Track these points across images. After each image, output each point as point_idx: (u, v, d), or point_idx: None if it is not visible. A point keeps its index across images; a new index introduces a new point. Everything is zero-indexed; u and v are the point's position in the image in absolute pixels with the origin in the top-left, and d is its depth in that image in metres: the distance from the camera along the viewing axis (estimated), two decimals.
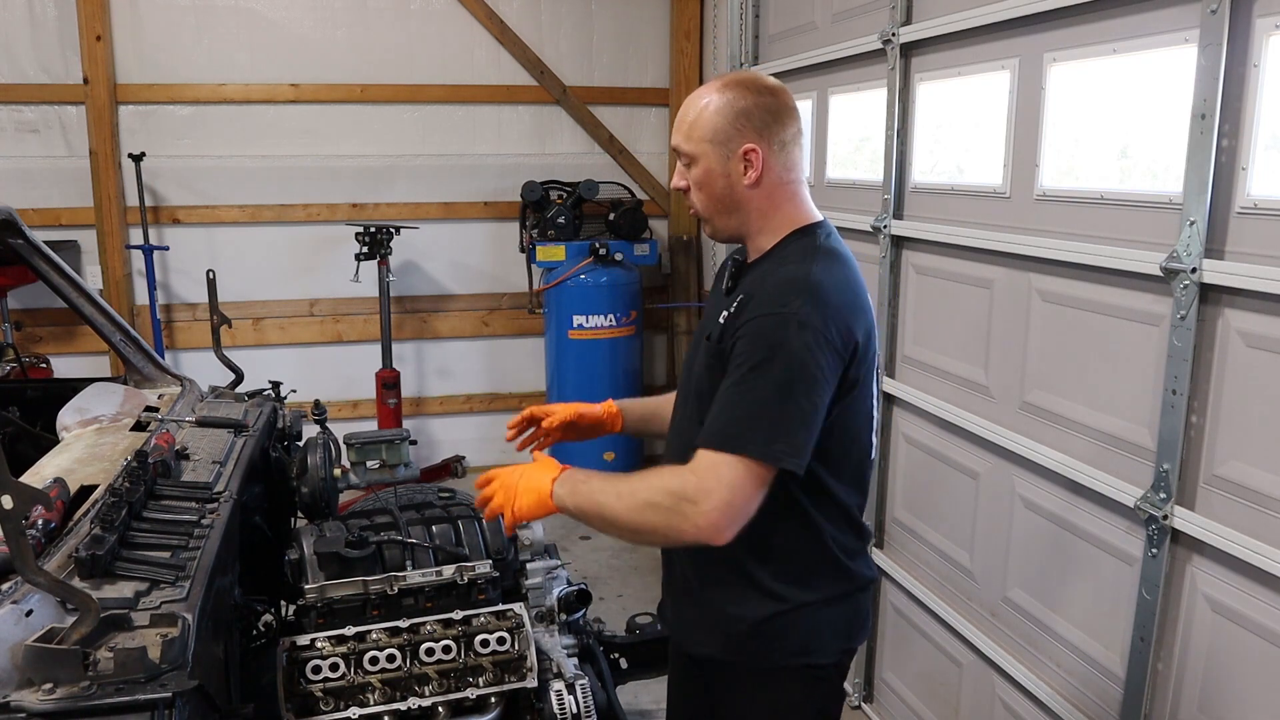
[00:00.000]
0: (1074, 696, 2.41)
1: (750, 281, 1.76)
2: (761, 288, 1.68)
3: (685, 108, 1.76)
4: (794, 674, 1.81)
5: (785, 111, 1.73)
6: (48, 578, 1.37)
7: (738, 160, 1.71)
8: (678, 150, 1.77)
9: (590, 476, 1.72)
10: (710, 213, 1.78)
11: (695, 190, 1.77)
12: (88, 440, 2.37)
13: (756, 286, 1.70)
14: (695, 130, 1.73)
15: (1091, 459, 2.29)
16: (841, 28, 3.45)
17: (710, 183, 1.74)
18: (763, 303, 1.65)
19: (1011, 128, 2.53)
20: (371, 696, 1.96)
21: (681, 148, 1.75)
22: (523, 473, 1.76)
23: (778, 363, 1.59)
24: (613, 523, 1.66)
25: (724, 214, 1.77)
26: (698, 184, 1.75)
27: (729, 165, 1.72)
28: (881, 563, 3.31)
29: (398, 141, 5.58)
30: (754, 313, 1.64)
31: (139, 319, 5.33)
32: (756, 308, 1.65)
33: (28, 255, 2.73)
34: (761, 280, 1.71)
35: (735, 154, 1.71)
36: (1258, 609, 1.89)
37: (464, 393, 5.95)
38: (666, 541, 1.76)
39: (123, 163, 5.21)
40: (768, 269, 1.75)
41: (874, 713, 3.46)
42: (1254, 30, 1.82)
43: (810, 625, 1.79)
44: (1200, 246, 1.92)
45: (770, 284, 1.68)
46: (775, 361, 1.59)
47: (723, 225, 1.79)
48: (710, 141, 1.71)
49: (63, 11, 5.02)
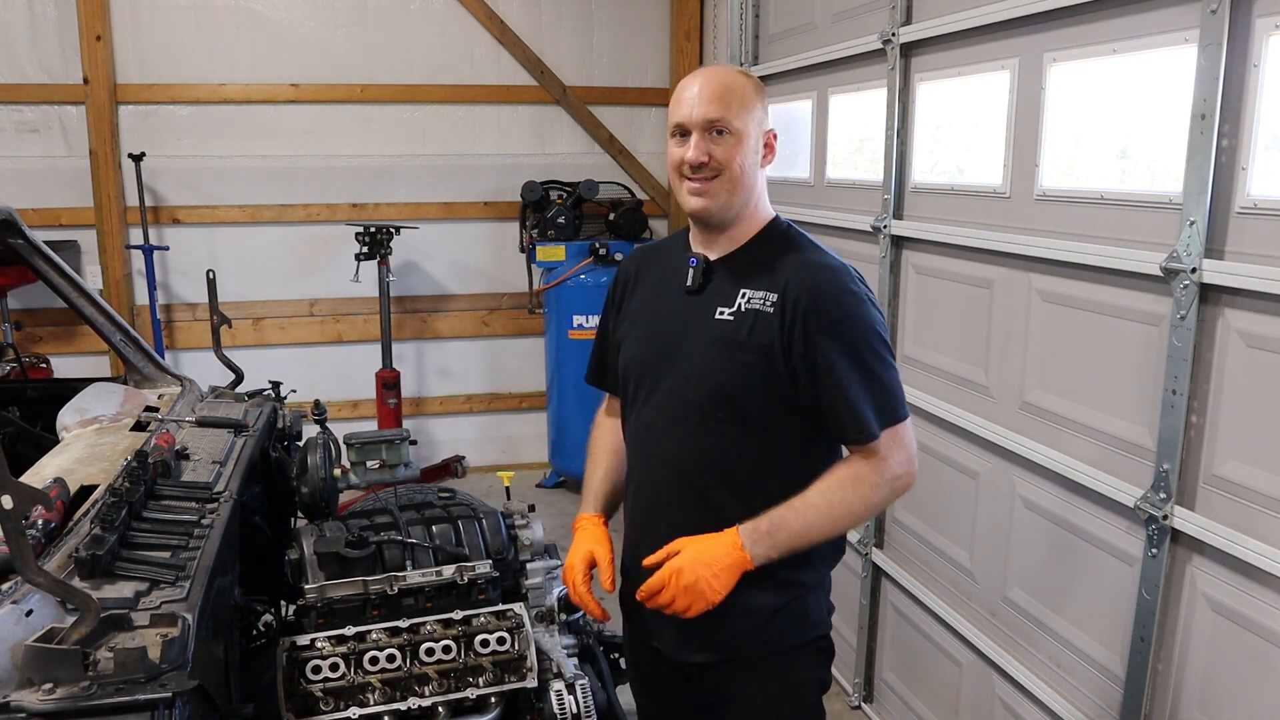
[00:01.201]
0: (1074, 696, 2.41)
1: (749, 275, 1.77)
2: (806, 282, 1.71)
3: (714, 82, 1.73)
4: (804, 650, 1.86)
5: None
6: (48, 578, 1.37)
7: (761, 141, 1.77)
8: (714, 121, 1.71)
9: (777, 523, 1.66)
10: (730, 188, 1.74)
11: (729, 160, 1.72)
12: (88, 440, 2.37)
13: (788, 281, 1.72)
14: (741, 104, 1.72)
15: (1091, 459, 2.29)
16: (841, 28, 3.44)
17: (743, 158, 1.74)
18: (833, 298, 1.70)
19: (1011, 128, 2.53)
20: (371, 696, 1.96)
21: (725, 118, 1.71)
22: (695, 559, 1.65)
23: (877, 341, 1.72)
24: (834, 537, 1.76)
25: (738, 192, 1.76)
26: (728, 157, 1.72)
27: (758, 144, 1.76)
28: (881, 563, 3.31)
29: (398, 141, 5.57)
30: (834, 309, 1.70)
31: (139, 319, 5.33)
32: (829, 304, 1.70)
33: (28, 255, 2.73)
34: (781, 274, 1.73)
35: (764, 134, 1.77)
36: (1258, 609, 1.89)
37: (464, 393, 5.95)
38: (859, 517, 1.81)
39: (123, 163, 5.21)
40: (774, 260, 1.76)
41: (874, 713, 3.46)
42: (1254, 30, 1.82)
43: (816, 601, 1.85)
44: (1200, 246, 1.92)
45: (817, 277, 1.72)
46: (876, 340, 1.72)
47: (729, 201, 1.76)
48: (753, 116, 1.74)
49: (63, 11, 5.02)
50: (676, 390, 1.79)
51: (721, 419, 1.74)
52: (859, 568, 3.44)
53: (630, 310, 1.94)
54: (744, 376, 1.72)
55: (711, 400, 1.74)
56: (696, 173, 1.73)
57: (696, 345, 1.77)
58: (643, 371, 1.86)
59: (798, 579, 1.80)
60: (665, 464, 1.82)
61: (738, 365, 1.73)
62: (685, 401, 1.78)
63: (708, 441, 1.76)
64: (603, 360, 2.03)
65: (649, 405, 1.84)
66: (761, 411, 1.73)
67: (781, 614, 1.80)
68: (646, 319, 1.89)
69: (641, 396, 1.86)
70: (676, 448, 1.80)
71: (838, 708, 3.54)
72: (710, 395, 1.75)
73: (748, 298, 1.74)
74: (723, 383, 1.74)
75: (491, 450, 5.95)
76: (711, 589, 1.64)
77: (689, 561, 1.65)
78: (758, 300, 1.73)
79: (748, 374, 1.72)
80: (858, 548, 3.41)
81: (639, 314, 1.91)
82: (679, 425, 1.79)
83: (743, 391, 1.72)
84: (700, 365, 1.76)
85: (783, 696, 1.85)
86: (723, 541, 1.66)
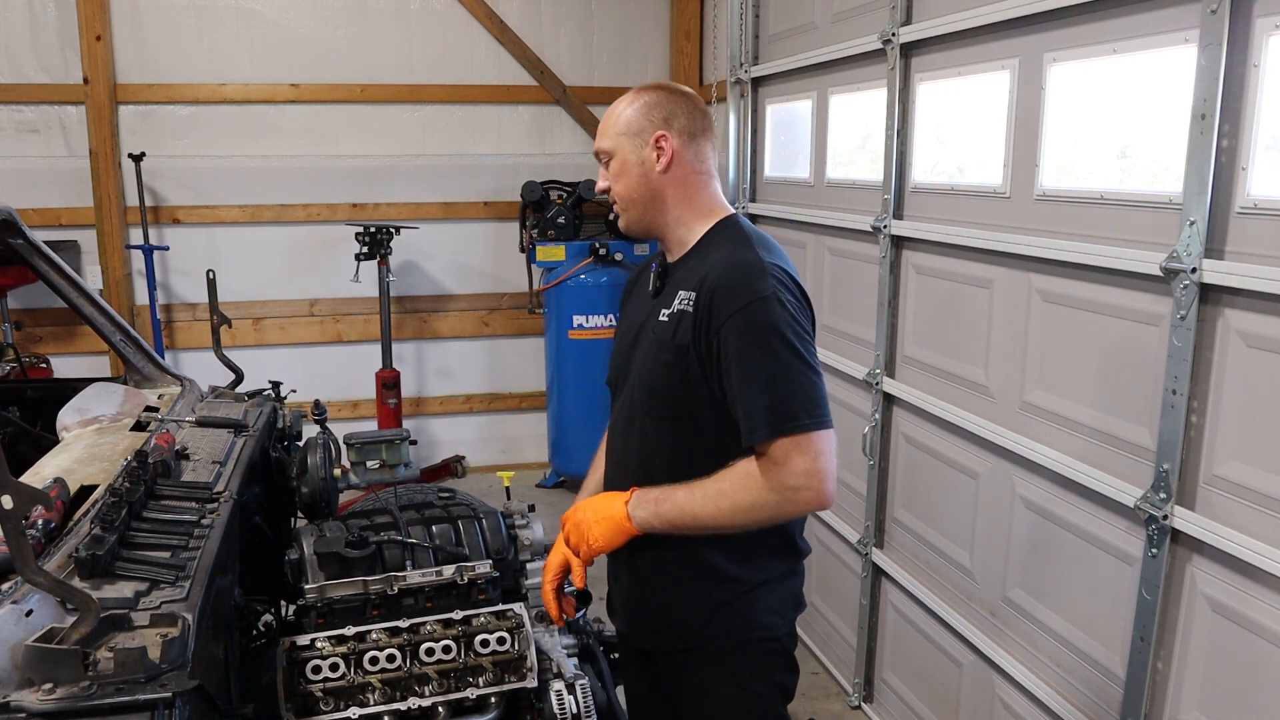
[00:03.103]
0: (1074, 696, 2.41)
1: (687, 276, 1.80)
2: (716, 278, 1.72)
3: (604, 117, 1.89)
4: (753, 648, 1.88)
5: (692, 107, 1.86)
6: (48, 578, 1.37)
7: (650, 149, 1.82)
8: (598, 153, 1.89)
9: (666, 493, 1.75)
10: (629, 203, 1.86)
11: (615, 183, 1.86)
12: (88, 440, 2.37)
13: (705, 278, 1.74)
14: (611, 128, 1.86)
15: (1091, 459, 2.29)
16: (841, 28, 3.44)
17: (627, 173, 1.84)
18: (733, 293, 1.69)
19: (1011, 128, 2.53)
20: (371, 696, 1.96)
21: (600, 146, 1.87)
22: (590, 505, 1.83)
23: (778, 341, 1.68)
24: (713, 528, 1.74)
25: (642, 204, 1.85)
26: (616, 176, 1.85)
27: (643, 154, 1.83)
28: (881, 563, 3.31)
29: (397, 141, 5.58)
30: (731, 305, 1.69)
31: (139, 319, 5.33)
32: (727, 300, 1.69)
33: (28, 255, 2.73)
34: (704, 272, 1.75)
35: (648, 143, 1.82)
36: (1258, 609, 1.89)
37: (464, 393, 5.95)
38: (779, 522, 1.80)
39: (123, 163, 5.21)
40: (706, 259, 1.79)
41: (874, 713, 3.46)
42: (1254, 30, 1.82)
43: (766, 603, 1.87)
44: (1200, 246, 1.92)
45: (726, 273, 1.72)
46: (776, 341, 1.67)
47: (639, 217, 1.87)
48: (625, 134, 1.84)
49: (63, 11, 5.03)
50: (630, 392, 1.90)
51: (659, 417, 1.83)
52: (859, 568, 3.44)
53: (620, 319, 2.08)
54: (668, 375, 1.79)
55: (647, 400, 1.84)
56: (611, 196, 1.88)
57: (644, 348, 1.86)
58: (616, 375, 1.99)
59: (739, 575, 1.84)
60: (624, 461, 1.93)
61: (662, 365, 1.80)
62: (633, 402, 1.89)
63: (650, 438, 1.85)
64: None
65: (616, 407, 1.98)
66: (689, 408, 1.79)
67: (725, 609, 1.84)
68: (624, 324, 2.03)
69: (616, 399, 1.99)
70: (628, 445, 1.91)
71: (838, 708, 3.54)
72: (646, 395, 1.84)
73: (680, 299, 1.79)
74: (653, 383, 1.82)
75: (491, 450, 5.95)
76: (592, 533, 1.78)
77: (585, 506, 1.83)
78: (685, 301, 1.77)
79: (669, 372, 1.78)
80: (857, 548, 3.41)
81: (621, 320, 2.06)
82: (631, 424, 1.90)
83: (669, 390, 1.79)
84: (641, 366, 1.86)
85: (734, 697, 1.88)
86: (618, 498, 1.79)
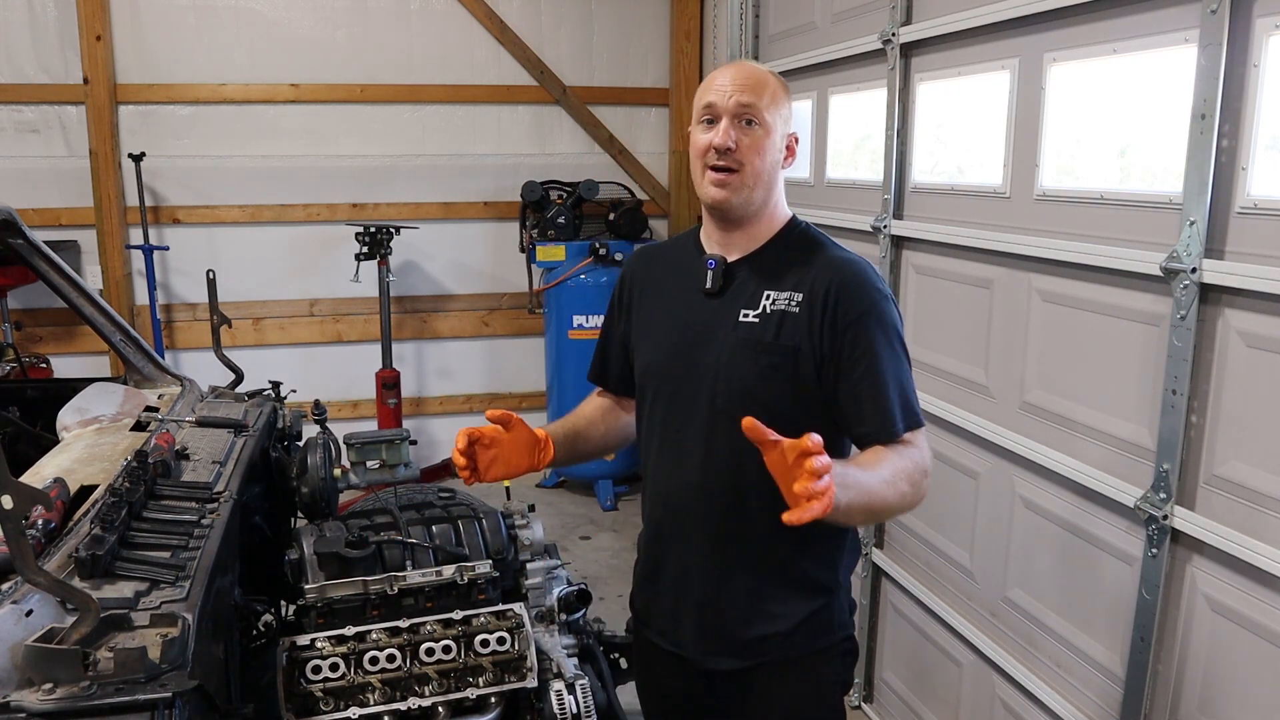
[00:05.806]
0: (1074, 696, 2.41)
1: (772, 276, 1.75)
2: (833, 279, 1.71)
3: (750, 73, 1.74)
4: (831, 652, 1.86)
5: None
6: (48, 578, 1.37)
7: (784, 142, 1.77)
8: (746, 108, 1.70)
9: (857, 476, 1.53)
10: (755, 179, 1.73)
11: (751, 153, 1.71)
12: (88, 440, 2.37)
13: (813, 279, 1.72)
14: (772, 99, 1.73)
15: (1091, 459, 2.29)
16: (841, 28, 3.44)
17: (767, 150, 1.73)
18: (860, 291, 1.70)
19: (1011, 128, 2.53)
20: (371, 696, 1.96)
21: (756, 107, 1.70)
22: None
23: (898, 340, 1.73)
24: (882, 516, 1.77)
25: (761, 186, 1.75)
26: (753, 149, 1.71)
27: (781, 143, 1.77)
28: (881, 563, 3.31)
29: (397, 141, 5.58)
30: (859, 305, 1.69)
31: (139, 319, 5.33)
32: (855, 300, 1.69)
33: (28, 255, 2.73)
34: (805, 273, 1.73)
35: (786, 135, 1.78)
36: (1257, 609, 1.89)
37: (464, 393, 5.95)
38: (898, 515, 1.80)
39: (123, 163, 5.21)
40: (793, 259, 1.76)
41: (874, 713, 3.46)
42: (1254, 30, 1.82)
43: (842, 603, 1.86)
44: (1200, 246, 1.92)
45: (846, 274, 1.72)
46: (897, 339, 1.72)
47: (750, 199, 1.74)
48: (780, 114, 1.75)
49: (63, 11, 5.02)
50: (702, 395, 1.76)
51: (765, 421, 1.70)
52: (859, 568, 3.44)
53: (643, 314, 1.91)
54: (772, 378, 1.71)
55: (740, 403, 1.69)
56: (722, 158, 1.70)
57: (721, 349, 1.75)
58: (663, 377, 1.83)
59: (827, 582, 1.83)
60: (693, 468, 1.79)
61: (764, 368, 1.72)
62: (712, 406, 1.75)
63: (736, 443, 1.67)
64: (605, 360, 2.04)
65: (672, 410, 1.82)
66: (791, 411, 1.68)
67: (811, 618, 1.81)
68: (664, 323, 1.85)
69: (663, 402, 1.84)
70: (704, 451, 1.77)
71: None
72: (738, 397, 1.71)
73: (772, 299, 1.72)
74: (750, 386, 1.72)
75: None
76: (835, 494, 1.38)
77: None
78: (783, 301, 1.72)
79: (775, 376, 1.71)
80: None
81: (655, 318, 1.88)
82: (706, 429, 1.77)
83: (771, 394, 1.70)
84: (726, 369, 1.74)
85: (808, 699, 1.86)
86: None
